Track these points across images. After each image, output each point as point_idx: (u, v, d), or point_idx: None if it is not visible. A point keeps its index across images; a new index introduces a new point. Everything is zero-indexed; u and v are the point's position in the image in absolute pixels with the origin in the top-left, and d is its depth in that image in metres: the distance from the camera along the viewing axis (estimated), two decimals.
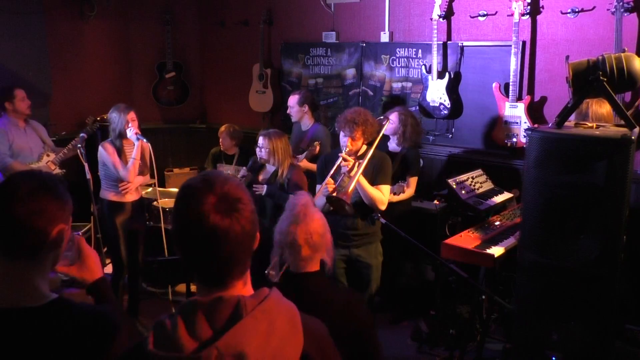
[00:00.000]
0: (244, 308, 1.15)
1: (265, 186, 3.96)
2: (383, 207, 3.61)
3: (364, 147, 3.66)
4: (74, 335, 1.37)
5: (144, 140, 4.18)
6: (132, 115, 4.16)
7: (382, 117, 4.10)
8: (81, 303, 1.44)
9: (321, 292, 2.07)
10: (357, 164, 3.55)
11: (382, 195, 3.61)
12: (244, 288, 1.24)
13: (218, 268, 1.19)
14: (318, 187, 3.68)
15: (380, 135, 3.80)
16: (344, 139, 3.59)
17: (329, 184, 3.54)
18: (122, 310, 1.69)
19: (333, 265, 2.26)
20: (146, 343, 1.13)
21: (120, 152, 4.18)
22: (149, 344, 1.13)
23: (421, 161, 4.94)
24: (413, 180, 4.36)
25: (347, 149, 3.56)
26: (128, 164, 4.16)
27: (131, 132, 4.13)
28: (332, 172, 3.57)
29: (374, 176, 3.62)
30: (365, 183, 3.54)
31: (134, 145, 4.18)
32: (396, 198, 4.15)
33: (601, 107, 3.17)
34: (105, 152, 4.14)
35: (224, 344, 1.10)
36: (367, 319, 2.09)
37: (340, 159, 3.54)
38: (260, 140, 3.98)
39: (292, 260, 2.10)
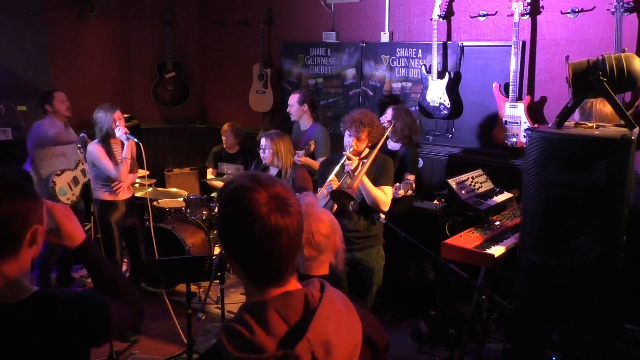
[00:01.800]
0: (313, 299, 1.19)
1: None
2: (386, 208, 3.60)
3: (367, 150, 3.66)
4: (62, 324, 1.39)
5: (134, 139, 4.15)
6: (118, 114, 4.14)
7: (386, 122, 4.11)
8: (62, 292, 1.46)
9: None
10: (360, 163, 3.55)
11: (385, 196, 3.60)
12: (296, 283, 1.26)
13: (278, 265, 1.21)
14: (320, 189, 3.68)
15: (384, 138, 3.81)
16: (349, 139, 3.59)
17: (332, 181, 3.54)
18: (114, 273, 1.66)
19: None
20: (225, 352, 1.12)
21: (110, 151, 4.16)
22: (232, 352, 1.12)
23: (420, 161, 4.94)
24: (411, 179, 4.36)
25: (352, 148, 3.56)
26: (120, 164, 4.14)
27: (120, 132, 4.11)
28: (335, 170, 3.56)
29: (376, 177, 3.62)
30: (368, 183, 3.53)
31: (124, 144, 4.15)
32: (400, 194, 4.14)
33: (605, 106, 3.14)
34: (96, 153, 4.11)
35: (313, 335, 1.13)
36: None
37: (345, 157, 3.54)
38: (263, 142, 3.98)
39: (299, 260, 2.10)
